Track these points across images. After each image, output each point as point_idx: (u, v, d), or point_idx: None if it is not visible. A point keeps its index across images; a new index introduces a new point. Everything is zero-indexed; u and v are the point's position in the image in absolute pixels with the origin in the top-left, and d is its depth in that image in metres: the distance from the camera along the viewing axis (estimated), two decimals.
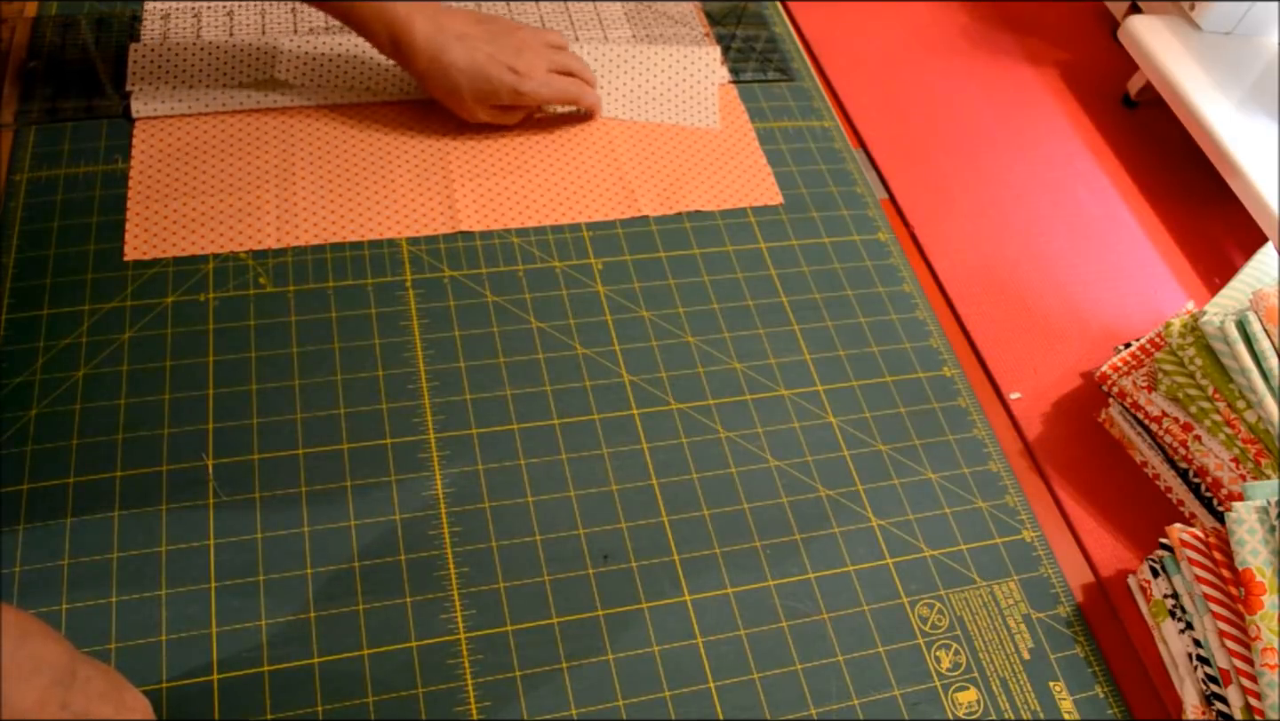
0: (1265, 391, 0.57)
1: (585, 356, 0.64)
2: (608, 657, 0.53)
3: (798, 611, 0.56)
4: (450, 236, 0.68)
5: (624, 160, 0.75)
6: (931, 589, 0.59)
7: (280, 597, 0.52)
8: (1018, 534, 0.62)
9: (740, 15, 0.88)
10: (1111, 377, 0.66)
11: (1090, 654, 0.58)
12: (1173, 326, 0.62)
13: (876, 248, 0.74)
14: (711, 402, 0.64)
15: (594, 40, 0.82)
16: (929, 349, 0.69)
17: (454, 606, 0.54)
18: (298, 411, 0.59)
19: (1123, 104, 0.91)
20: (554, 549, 0.56)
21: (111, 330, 0.60)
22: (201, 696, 0.49)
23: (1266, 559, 0.52)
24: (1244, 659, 0.52)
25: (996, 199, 0.81)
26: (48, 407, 0.57)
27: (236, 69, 0.74)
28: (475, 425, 0.60)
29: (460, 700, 0.51)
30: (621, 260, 0.70)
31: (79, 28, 0.75)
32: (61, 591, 0.51)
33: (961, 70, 0.91)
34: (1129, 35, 0.85)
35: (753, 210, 0.74)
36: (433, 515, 0.57)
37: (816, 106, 0.83)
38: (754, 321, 0.68)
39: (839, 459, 0.63)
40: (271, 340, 0.62)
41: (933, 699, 0.55)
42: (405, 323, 0.64)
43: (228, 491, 0.55)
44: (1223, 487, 0.60)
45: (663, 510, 0.59)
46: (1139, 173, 0.85)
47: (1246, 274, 0.65)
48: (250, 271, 0.65)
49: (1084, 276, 0.77)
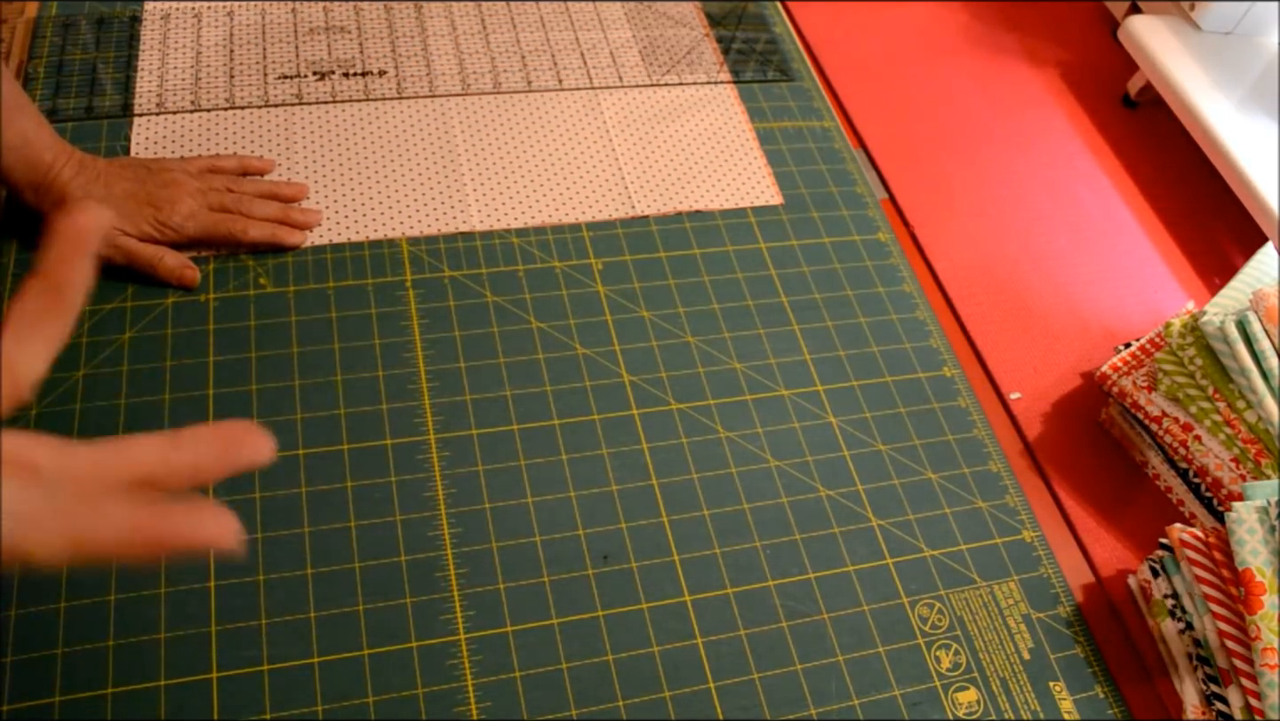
0: (1265, 391, 0.57)
1: (585, 356, 0.64)
2: (608, 657, 0.53)
3: (798, 611, 0.56)
4: (450, 236, 0.68)
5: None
6: (931, 589, 0.59)
7: (280, 598, 0.52)
8: (1018, 534, 0.62)
9: (740, 16, 0.88)
10: (1111, 377, 0.66)
11: (1090, 654, 0.58)
12: (1173, 326, 0.62)
13: (876, 248, 0.74)
14: (711, 403, 0.64)
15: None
16: (929, 349, 0.69)
17: (454, 607, 0.54)
18: (298, 411, 0.59)
19: (1123, 104, 0.91)
20: (554, 549, 0.56)
21: (111, 330, 0.60)
22: (201, 696, 0.49)
23: (1266, 559, 0.52)
24: (1244, 659, 0.52)
25: (996, 199, 0.81)
26: (48, 408, 0.57)
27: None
28: (475, 425, 0.60)
29: (460, 700, 0.51)
30: (621, 260, 0.70)
31: (79, 28, 0.75)
32: (61, 591, 0.51)
33: (961, 70, 0.91)
34: (1129, 35, 0.85)
35: (753, 210, 0.74)
36: (433, 515, 0.57)
37: (816, 106, 0.83)
38: (754, 321, 0.68)
39: (839, 459, 0.63)
40: (271, 340, 0.62)
41: (933, 699, 0.55)
42: (405, 323, 0.64)
43: (228, 491, 0.55)
44: (1223, 487, 0.60)
45: (663, 510, 0.59)
46: (1139, 173, 0.85)
47: (1246, 274, 0.65)
48: (250, 271, 0.65)
49: (1084, 276, 0.77)
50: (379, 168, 0.71)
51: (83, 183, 0.60)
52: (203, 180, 0.65)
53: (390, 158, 0.72)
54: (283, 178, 0.69)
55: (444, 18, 0.81)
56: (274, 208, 0.66)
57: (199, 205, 0.63)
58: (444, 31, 0.81)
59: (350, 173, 0.70)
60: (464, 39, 0.80)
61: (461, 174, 0.72)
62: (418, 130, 0.74)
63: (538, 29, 0.83)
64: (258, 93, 0.73)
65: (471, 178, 0.72)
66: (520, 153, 0.74)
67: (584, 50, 0.82)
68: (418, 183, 0.71)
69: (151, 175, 0.63)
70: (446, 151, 0.73)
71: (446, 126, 0.74)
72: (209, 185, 0.65)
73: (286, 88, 0.74)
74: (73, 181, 0.60)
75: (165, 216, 0.62)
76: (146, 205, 0.62)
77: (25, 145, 0.58)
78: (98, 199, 0.60)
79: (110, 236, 0.60)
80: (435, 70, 0.78)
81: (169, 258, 0.62)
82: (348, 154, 0.71)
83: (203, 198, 0.64)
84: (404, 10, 0.81)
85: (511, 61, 0.80)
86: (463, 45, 0.80)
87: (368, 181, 0.70)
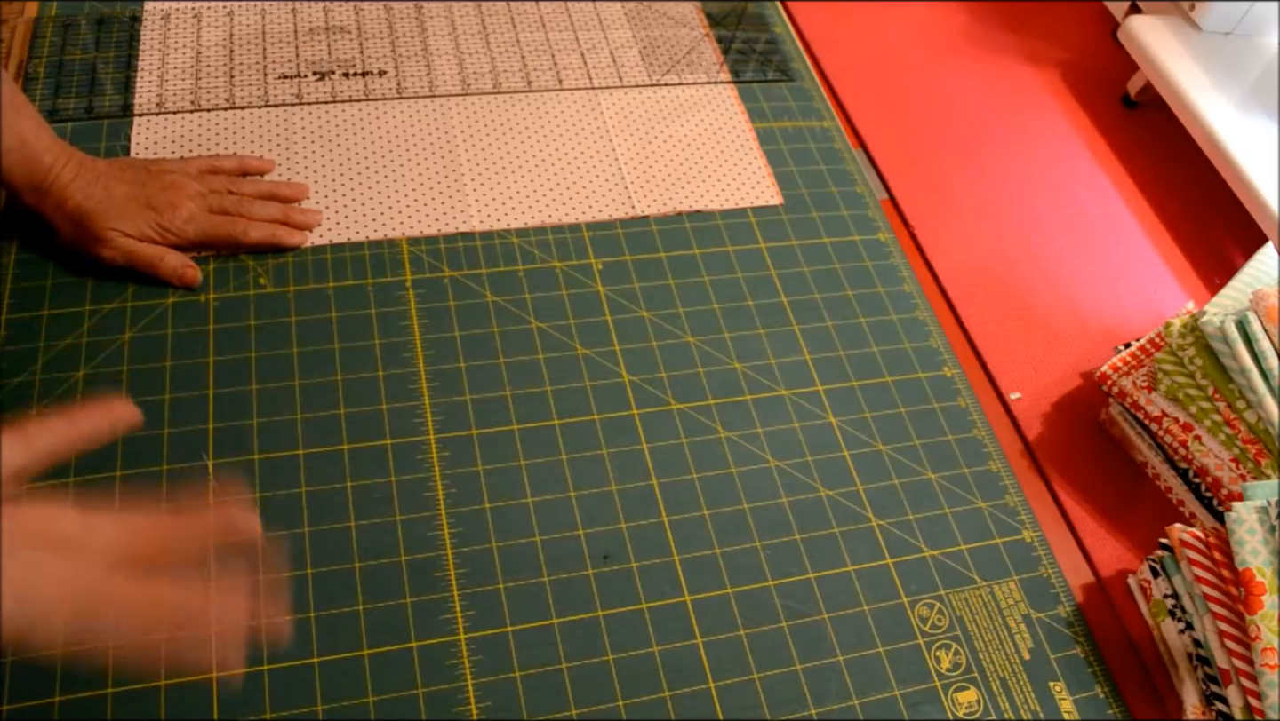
0: (1265, 391, 0.57)
1: (585, 356, 0.64)
2: (608, 657, 0.53)
3: (798, 611, 0.56)
4: (450, 237, 0.68)
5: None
6: (931, 589, 0.59)
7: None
8: (1018, 534, 0.62)
9: (740, 16, 0.88)
10: (1111, 377, 0.66)
11: (1090, 654, 0.58)
12: (1173, 326, 0.62)
13: (876, 248, 0.74)
14: (711, 403, 0.64)
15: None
16: (929, 349, 0.69)
17: (454, 606, 0.54)
18: (298, 411, 0.59)
19: (1123, 104, 0.91)
20: (554, 549, 0.56)
21: (112, 330, 0.60)
22: (201, 696, 0.49)
23: (1266, 559, 0.52)
24: (1244, 659, 0.52)
25: (996, 199, 0.81)
26: (48, 407, 0.57)
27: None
28: (475, 425, 0.60)
29: (460, 700, 0.51)
30: (621, 260, 0.70)
31: (79, 28, 0.75)
32: None
33: (961, 70, 0.91)
34: (1129, 35, 0.85)
35: (753, 210, 0.74)
36: (433, 515, 0.57)
37: (816, 106, 0.83)
38: (754, 321, 0.68)
39: (839, 459, 0.63)
40: (271, 340, 0.62)
41: (933, 699, 0.55)
42: (405, 323, 0.64)
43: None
44: (1223, 487, 0.60)
45: (663, 510, 0.59)
46: (1139, 173, 0.85)
47: (1246, 274, 0.65)
48: (250, 271, 0.65)
49: (1084, 276, 0.77)
50: (379, 168, 0.71)
51: (83, 184, 0.60)
52: (203, 181, 0.65)
53: (390, 158, 0.72)
54: (283, 178, 0.69)
55: (444, 18, 0.81)
56: (274, 208, 0.66)
57: (199, 208, 0.63)
58: (444, 31, 0.81)
59: (350, 173, 0.70)
60: (464, 39, 0.80)
61: (461, 174, 0.72)
62: (418, 130, 0.74)
63: (538, 29, 0.83)
64: (258, 93, 0.73)
65: (471, 178, 0.72)
66: (520, 153, 0.74)
67: (584, 50, 0.82)
68: (418, 183, 0.71)
69: (151, 177, 0.63)
70: (446, 151, 0.73)
71: (446, 126, 0.74)
72: (209, 187, 0.65)
73: (286, 88, 0.74)
74: (73, 183, 0.60)
75: (165, 220, 0.62)
76: (147, 208, 0.62)
77: (25, 147, 0.58)
78: (97, 200, 0.60)
79: (110, 238, 0.61)
80: (435, 70, 0.78)
81: (170, 257, 0.62)
82: (348, 154, 0.71)
83: (202, 200, 0.64)
84: (404, 10, 0.81)
85: (511, 61, 0.80)
86: (463, 45, 0.80)
87: (368, 181, 0.70)
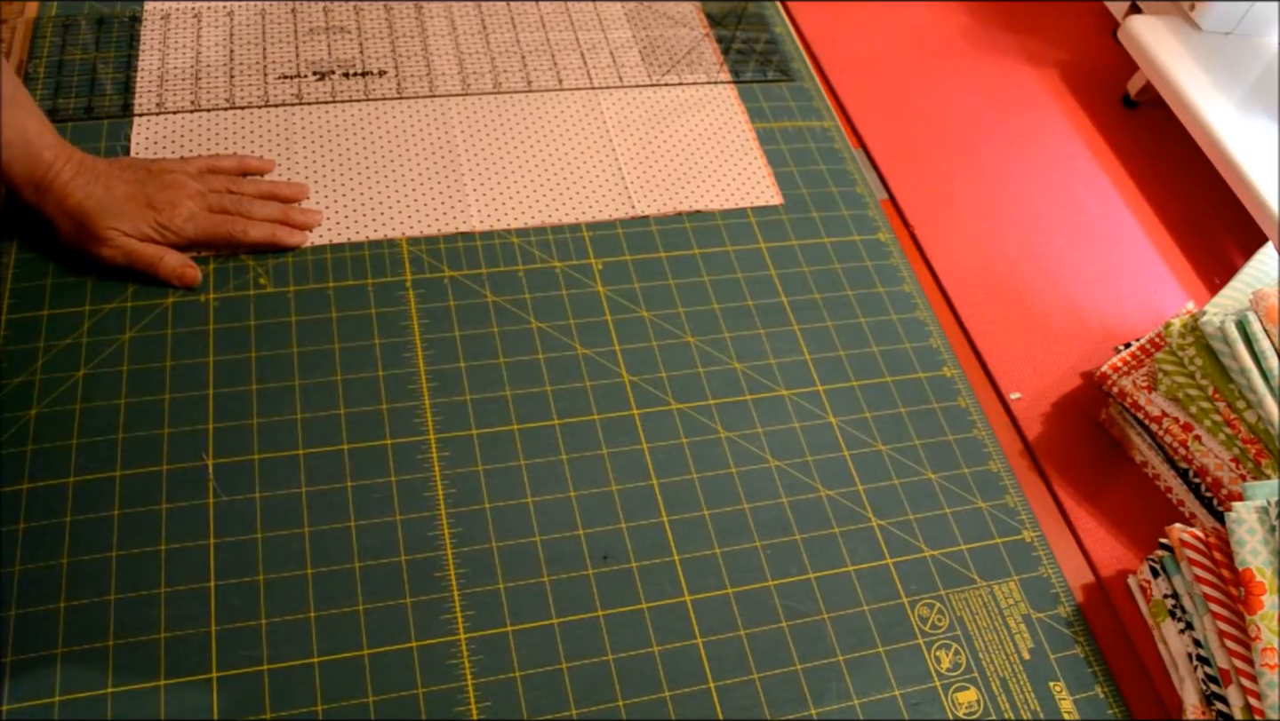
0: (1265, 391, 0.57)
1: (585, 356, 0.64)
2: (608, 657, 0.53)
3: (798, 611, 0.56)
4: (450, 237, 0.68)
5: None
6: (931, 589, 0.59)
7: (280, 598, 0.52)
8: (1018, 534, 0.62)
9: (740, 16, 0.88)
10: (1111, 377, 0.66)
11: (1090, 654, 0.58)
12: (1173, 326, 0.62)
13: (876, 248, 0.74)
14: (711, 403, 0.64)
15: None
16: (929, 349, 0.69)
17: (454, 606, 0.54)
18: (298, 411, 0.59)
19: (1123, 104, 0.91)
20: (554, 549, 0.56)
21: (112, 330, 0.60)
22: (201, 696, 0.49)
23: (1266, 559, 0.52)
24: (1244, 659, 0.52)
25: (996, 199, 0.81)
26: (48, 407, 0.57)
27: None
28: (475, 426, 0.60)
29: (460, 700, 0.51)
30: (621, 260, 0.70)
31: (79, 28, 0.75)
32: (61, 590, 0.51)
33: (961, 70, 0.91)
34: (1129, 35, 0.85)
35: (753, 210, 0.74)
36: (433, 515, 0.57)
37: (816, 106, 0.83)
38: (754, 321, 0.68)
39: (839, 459, 0.63)
40: (271, 340, 0.62)
41: (933, 699, 0.55)
42: (405, 323, 0.64)
43: (228, 491, 0.55)
44: (1223, 487, 0.60)
45: (663, 510, 0.59)
46: (1139, 173, 0.85)
47: (1246, 274, 0.65)
48: (250, 271, 0.65)
49: (1084, 276, 0.77)
50: (379, 168, 0.71)
51: (83, 183, 0.60)
52: (202, 181, 0.65)
53: (390, 158, 0.72)
54: (283, 178, 0.69)
55: (444, 18, 0.81)
56: (274, 208, 0.66)
57: (199, 207, 0.63)
58: (444, 31, 0.81)
59: (350, 173, 0.70)
60: (464, 39, 0.80)
61: (461, 174, 0.72)
62: (418, 130, 0.74)
63: (538, 29, 0.83)
64: (258, 93, 0.73)
65: (471, 178, 0.72)
66: (520, 153, 0.74)
67: (584, 50, 0.82)
68: (418, 183, 0.71)
69: (151, 177, 0.63)
70: (446, 151, 0.73)
71: (446, 126, 0.74)
72: (209, 186, 0.65)
73: (286, 88, 0.74)
74: (73, 182, 0.60)
75: (165, 219, 0.62)
76: (147, 208, 0.62)
77: (26, 143, 0.58)
78: (97, 199, 0.60)
79: (110, 237, 0.61)
80: (435, 70, 0.78)
81: (169, 257, 0.62)
82: (348, 154, 0.71)
83: (202, 199, 0.64)
84: (404, 10, 0.81)
85: (511, 61, 0.80)
86: (463, 45, 0.80)
87: (368, 181, 0.70)
